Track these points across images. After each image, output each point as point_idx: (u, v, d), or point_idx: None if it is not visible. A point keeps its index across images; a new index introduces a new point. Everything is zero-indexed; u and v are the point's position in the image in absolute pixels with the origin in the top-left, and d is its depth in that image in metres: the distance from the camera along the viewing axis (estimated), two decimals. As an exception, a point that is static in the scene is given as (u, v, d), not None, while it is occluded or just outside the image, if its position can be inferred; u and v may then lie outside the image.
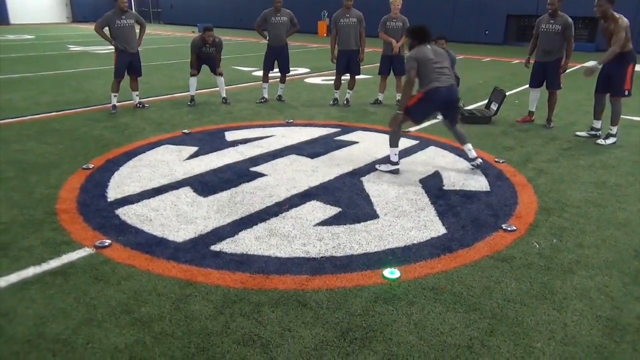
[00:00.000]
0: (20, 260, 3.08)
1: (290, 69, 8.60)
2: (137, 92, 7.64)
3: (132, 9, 8.34)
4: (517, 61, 14.78)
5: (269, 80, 8.36)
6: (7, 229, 3.52)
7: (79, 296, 2.71)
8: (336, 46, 7.94)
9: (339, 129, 6.51)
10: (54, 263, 3.05)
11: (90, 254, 3.17)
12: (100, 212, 3.81)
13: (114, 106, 7.31)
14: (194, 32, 24.36)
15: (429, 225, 3.69)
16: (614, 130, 6.04)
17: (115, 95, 7.31)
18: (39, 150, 5.37)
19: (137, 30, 7.42)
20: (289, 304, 2.68)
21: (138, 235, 3.44)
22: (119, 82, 7.27)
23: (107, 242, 3.30)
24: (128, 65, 7.29)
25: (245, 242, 3.37)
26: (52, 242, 3.31)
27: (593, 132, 6.34)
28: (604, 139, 6.09)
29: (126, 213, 3.80)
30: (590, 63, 5.75)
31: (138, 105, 7.61)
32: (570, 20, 6.45)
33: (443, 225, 3.71)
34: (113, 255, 3.16)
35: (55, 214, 3.77)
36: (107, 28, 7.06)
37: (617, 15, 5.69)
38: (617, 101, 5.94)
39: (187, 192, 4.24)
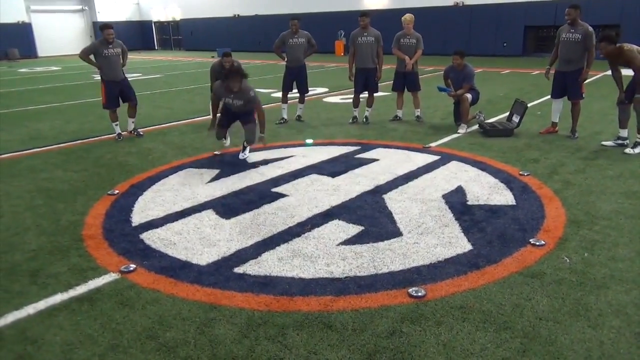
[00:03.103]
0: (47, 287, 3.12)
1: (309, 89, 8.66)
2: (133, 119, 7.51)
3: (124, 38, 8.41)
4: (537, 72, 14.61)
5: (288, 101, 8.43)
6: (35, 256, 3.58)
7: (105, 322, 2.73)
8: (354, 64, 7.98)
9: (359, 147, 6.49)
10: (80, 289, 3.08)
11: (115, 279, 3.20)
12: (125, 237, 3.85)
13: (119, 134, 7.36)
14: (213, 56, 24.85)
15: (454, 242, 3.62)
16: (642, 138, 5.88)
17: (116, 124, 7.36)
18: (65, 178, 5.49)
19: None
20: (313, 326, 2.64)
21: (162, 259, 3.46)
22: (115, 112, 7.31)
23: (132, 266, 3.33)
24: (119, 93, 7.25)
25: (269, 264, 3.35)
26: (79, 268, 3.36)
27: (620, 142, 6.19)
28: (631, 147, 5.94)
29: (150, 237, 3.83)
30: (637, 96, 5.77)
31: (133, 132, 7.49)
32: (590, 29, 6.37)
33: (468, 241, 3.63)
34: (138, 280, 3.18)
35: (81, 240, 3.82)
36: (93, 56, 7.06)
37: (621, 46, 5.71)
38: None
39: (209, 215, 4.26)
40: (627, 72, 5.92)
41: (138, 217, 4.27)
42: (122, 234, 3.93)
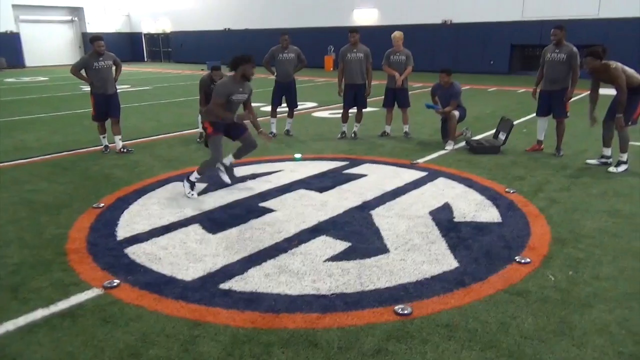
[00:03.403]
0: (29, 302, 3.06)
1: (298, 103, 8.70)
2: (119, 136, 7.32)
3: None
4: (523, 90, 14.85)
5: (277, 115, 8.46)
6: (17, 270, 3.52)
7: (86, 339, 2.67)
8: (343, 80, 8.04)
9: (348, 162, 6.52)
10: (62, 305, 3.03)
11: (98, 294, 3.15)
12: (109, 252, 3.80)
13: (106, 147, 7.28)
14: (203, 69, 24.89)
15: (440, 259, 3.63)
16: (625, 157, 5.99)
17: (104, 137, 7.29)
18: (50, 190, 5.42)
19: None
20: (299, 343, 2.62)
21: (147, 274, 3.42)
22: (103, 124, 7.25)
23: (116, 282, 3.28)
24: (107, 107, 7.15)
25: (255, 280, 3.33)
26: (61, 283, 3.30)
27: (604, 160, 6.29)
28: (615, 166, 6.04)
29: (135, 252, 3.79)
30: (618, 116, 5.84)
31: (122, 150, 7.24)
32: (575, 49, 6.51)
33: (455, 258, 3.64)
34: (121, 295, 3.13)
35: (64, 254, 3.77)
36: (84, 70, 6.97)
37: (607, 63, 5.78)
38: (623, 128, 5.91)
39: (196, 230, 4.23)
40: (607, 92, 6.05)
41: (123, 231, 4.22)
42: (107, 248, 3.88)
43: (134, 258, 3.68)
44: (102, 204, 4.89)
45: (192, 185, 5.13)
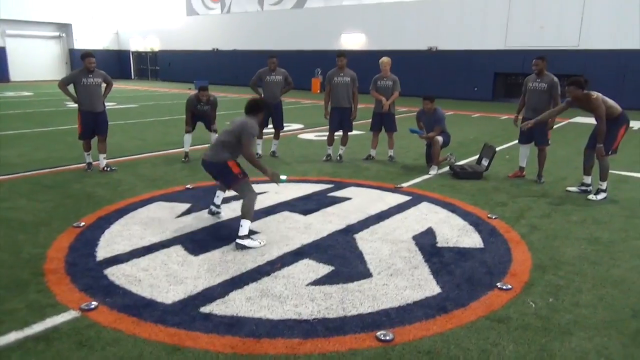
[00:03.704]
0: (2, 324, 2.98)
1: (285, 125, 8.75)
2: (104, 155, 7.21)
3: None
4: (506, 117, 15.14)
5: (263, 137, 8.48)
6: (-9, 290, 3.43)
7: (60, 363, 2.60)
8: (329, 103, 8.12)
9: (332, 185, 6.54)
10: (37, 327, 2.95)
11: (75, 317, 3.08)
12: (88, 273, 3.73)
13: (89, 164, 7.17)
14: (190, 89, 24.94)
15: (423, 285, 3.63)
16: (604, 185, 6.11)
17: (88, 154, 7.19)
18: (29, 208, 5.33)
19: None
20: (279, 370, 2.58)
21: (126, 296, 3.36)
22: (89, 142, 7.16)
23: (94, 304, 3.22)
24: (94, 125, 7.09)
25: (236, 304, 3.29)
26: (37, 305, 3.22)
27: (584, 188, 6.41)
28: (594, 194, 6.15)
29: (115, 273, 3.72)
30: (599, 146, 5.97)
31: (105, 169, 7.14)
32: (555, 79, 6.69)
33: (437, 284, 3.65)
34: (99, 318, 3.06)
35: (42, 275, 3.68)
36: (72, 85, 6.92)
37: (589, 93, 5.94)
38: (603, 157, 6.04)
39: (178, 251, 4.18)
40: (588, 121, 6.19)
41: (103, 251, 4.15)
42: (86, 268, 3.80)
43: (113, 279, 3.62)
44: (82, 223, 4.82)
45: (250, 234, 4.41)
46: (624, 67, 18.61)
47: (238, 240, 4.25)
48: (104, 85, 7.23)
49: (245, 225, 4.28)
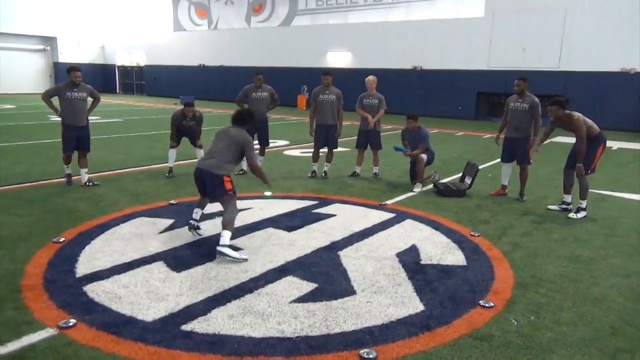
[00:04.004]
0: (-24, 342, 2.90)
1: (270, 141, 8.76)
2: (85, 170, 7.12)
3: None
4: (489, 136, 15.36)
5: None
6: (-35, 307, 3.34)
7: (36, 383, 2.54)
8: (315, 120, 8.17)
9: (317, 202, 6.54)
10: (12, 346, 2.88)
11: (52, 335, 3.01)
12: (67, 289, 3.66)
13: (69, 175, 7.07)
14: (176, 104, 24.88)
15: (406, 302, 3.64)
16: (584, 204, 6.21)
17: (68, 167, 7.08)
18: (8, 223, 5.22)
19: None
20: (261, 389, 2.55)
21: (105, 314, 3.30)
22: (70, 156, 7.04)
23: (72, 321, 3.15)
24: (77, 140, 6.98)
25: (218, 321, 3.25)
26: (13, 322, 3.14)
27: (564, 206, 6.51)
28: (575, 212, 6.25)
29: (94, 290, 3.66)
30: (578, 165, 6.10)
31: (88, 184, 7.04)
32: (537, 100, 6.83)
33: (421, 301, 3.66)
34: (77, 336, 3.00)
35: (19, 291, 3.60)
36: (56, 98, 6.84)
37: (571, 113, 6.10)
38: (583, 177, 6.16)
39: (159, 267, 4.12)
40: (568, 140, 6.32)
41: (83, 267, 4.08)
42: (65, 285, 3.73)
43: (93, 296, 3.55)
44: (62, 239, 4.74)
45: (233, 247, 4.45)
46: (602, 89, 19.10)
47: (219, 248, 4.28)
48: (90, 99, 7.17)
49: (226, 236, 4.34)
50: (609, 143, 6.67)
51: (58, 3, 34.63)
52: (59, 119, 7.01)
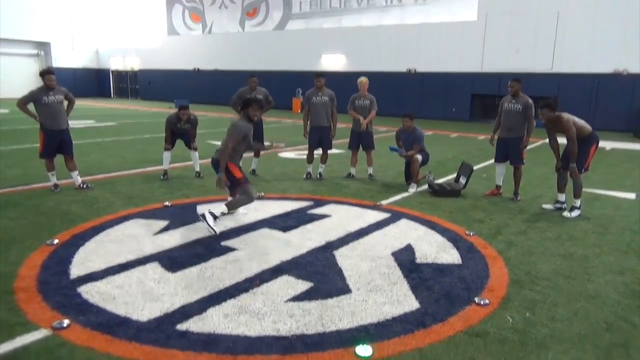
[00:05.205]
0: (-32, 344, 2.87)
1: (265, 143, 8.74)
2: (76, 172, 7.00)
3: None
4: (483, 137, 15.42)
5: (244, 155, 8.45)
6: (-42, 309, 3.31)
7: (29, 383, 2.52)
8: (309, 122, 8.17)
9: (312, 203, 6.54)
10: (5, 347, 2.86)
11: (46, 335, 2.99)
12: (61, 291, 3.63)
13: (55, 185, 6.89)
14: (170, 107, 24.83)
15: (402, 300, 3.64)
16: (578, 203, 6.24)
17: (52, 174, 6.91)
18: (1, 226, 5.19)
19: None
20: (257, 387, 2.54)
21: (99, 314, 3.28)
22: (52, 161, 6.87)
23: (66, 322, 3.13)
24: (58, 144, 6.81)
25: (214, 321, 3.24)
26: (6, 324, 3.12)
27: (558, 205, 6.54)
28: (569, 211, 6.28)
29: (89, 291, 3.64)
30: (571, 166, 6.12)
31: (82, 186, 6.97)
32: (530, 101, 6.87)
33: (416, 299, 3.66)
34: (71, 337, 2.98)
35: (12, 293, 3.58)
36: (32, 104, 6.69)
37: (560, 115, 6.12)
38: (577, 176, 6.19)
39: (154, 268, 4.11)
40: (562, 141, 6.36)
41: (77, 269, 4.06)
42: (58, 286, 3.71)
43: (87, 297, 3.53)
44: (56, 241, 4.71)
45: (215, 218, 4.94)
46: (595, 90, 19.24)
47: (204, 212, 4.69)
48: (66, 102, 7.01)
49: (220, 209, 4.71)
50: (602, 143, 6.72)
51: (52, 8, 34.58)
52: (39, 125, 6.79)
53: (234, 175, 4.82)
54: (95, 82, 38.07)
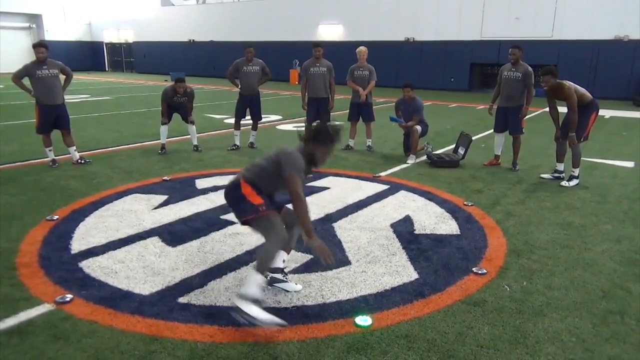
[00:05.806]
0: (-27, 319, 2.91)
1: (263, 116, 8.69)
2: (74, 147, 6.97)
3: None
4: (482, 107, 15.32)
5: (241, 128, 8.42)
6: (-39, 285, 3.34)
7: (35, 356, 2.56)
8: (307, 94, 8.10)
9: (311, 175, 6.52)
10: (10, 321, 2.89)
11: (49, 310, 3.03)
12: (62, 266, 3.66)
13: (53, 160, 6.86)
14: (166, 80, 24.55)
15: (400, 271, 3.68)
16: (576, 172, 6.25)
17: (50, 149, 6.87)
18: (0, 202, 5.20)
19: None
20: (259, 357, 2.59)
21: (102, 289, 3.31)
22: (49, 136, 6.82)
23: (69, 297, 3.16)
24: (54, 119, 6.74)
25: (214, 293, 3.28)
26: (10, 299, 3.15)
27: (557, 175, 6.54)
28: (567, 180, 6.29)
29: (90, 266, 3.67)
30: (571, 135, 6.08)
31: (80, 161, 6.96)
32: (530, 69, 6.79)
33: (415, 270, 3.70)
34: (74, 311, 3.02)
35: (14, 269, 3.61)
36: (28, 79, 6.61)
37: (562, 82, 6.05)
38: (576, 145, 6.17)
39: (155, 243, 4.13)
40: (561, 110, 6.32)
41: (78, 244, 4.08)
42: (60, 261, 3.74)
43: (89, 272, 3.56)
44: (56, 216, 4.72)
45: (256, 302, 2.86)
46: (596, 57, 19.02)
47: (237, 301, 2.83)
48: (62, 76, 6.91)
49: (254, 281, 2.86)
50: (601, 112, 6.68)
51: (42, -22, 33.78)
52: (34, 100, 6.73)
53: (249, 201, 3.13)
54: (89, 55, 37.51)
